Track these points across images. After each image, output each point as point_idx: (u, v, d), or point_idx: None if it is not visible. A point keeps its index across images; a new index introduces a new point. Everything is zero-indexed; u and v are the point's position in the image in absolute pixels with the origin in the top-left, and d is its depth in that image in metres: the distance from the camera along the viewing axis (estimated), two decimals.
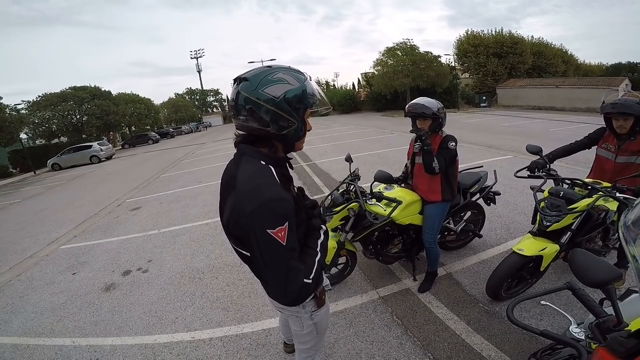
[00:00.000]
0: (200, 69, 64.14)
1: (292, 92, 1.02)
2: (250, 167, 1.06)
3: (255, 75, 1.02)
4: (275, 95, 1.00)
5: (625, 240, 0.86)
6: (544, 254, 2.17)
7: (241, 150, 1.12)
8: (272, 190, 1.01)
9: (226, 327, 2.65)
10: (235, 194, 1.03)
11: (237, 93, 1.03)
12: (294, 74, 1.06)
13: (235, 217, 1.02)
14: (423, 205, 2.64)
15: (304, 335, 1.38)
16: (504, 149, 8.52)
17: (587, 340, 1.02)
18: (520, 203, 4.39)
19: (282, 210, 0.99)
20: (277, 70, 1.04)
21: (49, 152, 23.25)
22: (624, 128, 2.33)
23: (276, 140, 1.10)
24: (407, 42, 29.71)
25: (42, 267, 4.45)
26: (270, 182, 1.03)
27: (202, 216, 5.57)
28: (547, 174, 2.56)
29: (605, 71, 44.01)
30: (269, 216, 0.97)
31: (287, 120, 1.03)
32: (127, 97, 38.46)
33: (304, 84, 1.05)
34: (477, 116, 20.22)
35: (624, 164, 2.40)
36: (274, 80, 1.01)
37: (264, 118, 1.01)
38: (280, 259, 1.00)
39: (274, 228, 0.97)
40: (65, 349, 2.65)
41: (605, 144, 2.52)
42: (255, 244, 1.00)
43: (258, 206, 0.97)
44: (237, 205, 1.01)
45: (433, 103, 2.41)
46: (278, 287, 1.04)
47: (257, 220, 0.97)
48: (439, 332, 2.29)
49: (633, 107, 2.24)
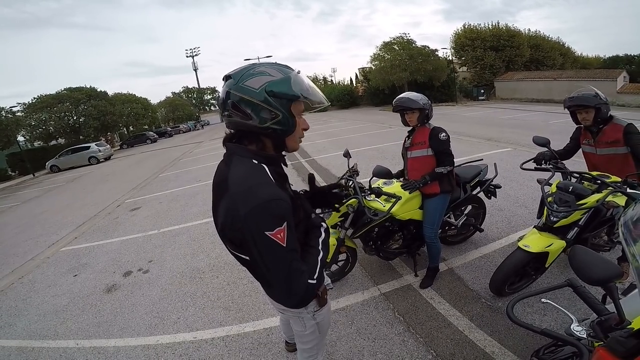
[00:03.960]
0: (197, 67, 63.71)
1: (274, 83, 1.00)
2: (242, 166, 1.02)
3: (238, 72, 1.03)
4: (254, 87, 0.99)
5: (625, 240, 0.85)
6: (550, 250, 2.14)
7: (230, 150, 1.09)
8: (267, 190, 0.97)
9: (228, 326, 2.65)
10: (229, 196, 0.98)
11: (224, 90, 1.03)
12: (278, 67, 1.05)
13: (230, 220, 0.98)
14: (423, 199, 2.64)
15: (306, 335, 1.37)
16: (504, 141, 8.51)
17: (588, 338, 1.01)
18: (521, 196, 4.37)
19: (279, 211, 0.95)
20: (260, 66, 1.04)
21: (47, 154, 23.16)
22: (587, 120, 2.39)
23: (263, 136, 1.07)
24: (404, 36, 29.58)
25: (43, 270, 4.45)
26: (264, 182, 1.00)
27: (202, 215, 5.56)
28: (554, 166, 2.52)
29: (603, 63, 43.75)
30: (266, 218, 0.93)
31: (270, 111, 1.00)
32: (124, 97, 38.32)
33: (288, 76, 1.03)
34: (476, 109, 20.18)
35: (607, 155, 2.43)
36: (255, 74, 1.01)
37: (245, 111, 1.00)
38: (282, 262, 0.96)
39: (272, 230, 0.93)
40: (69, 351, 2.66)
41: (586, 139, 2.56)
42: (253, 248, 0.96)
43: (253, 208, 0.93)
44: (231, 208, 0.96)
45: (418, 96, 2.48)
46: (282, 290, 1.01)
47: (253, 223, 0.93)
48: (442, 328, 2.29)
49: (589, 99, 2.31)
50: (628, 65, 37.84)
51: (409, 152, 2.63)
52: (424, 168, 2.53)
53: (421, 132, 2.53)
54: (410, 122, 2.53)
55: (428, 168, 2.51)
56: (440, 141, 2.45)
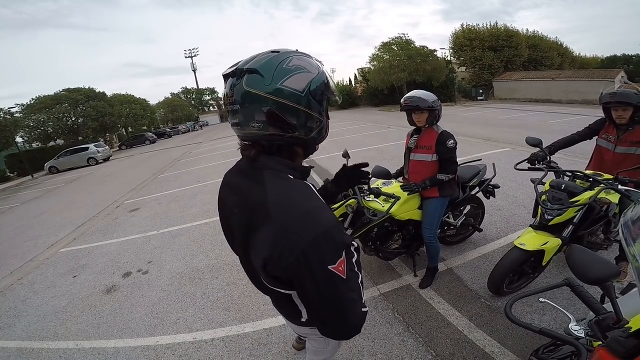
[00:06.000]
0: (196, 68, 63.92)
1: (315, 82, 0.80)
2: (284, 185, 0.82)
3: (264, 65, 0.77)
4: (297, 88, 0.78)
5: (625, 240, 0.85)
6: (546, 249, 2.15)
7: (261, 163, 0.85)
8: (326, 216, 0.79)
9: (227, 327, 2.65)
10: (275, 224, 0.77)
11: (242, 91, 0.77)
12: (307, 59, 0.83)
13: (279, 254, 0.76)
14: (422, 200, 2.64)
15: (327, 351, 1.26)
16: (502, 141, 8.52)
17: (587, 337, 1.01)
18: (520, 196, 4.39)
19: (340, 239, 0.79)
20: (289, 56, 0.81)
21: (45, 155, 23.12)
22: (623, 118, 2.32)
23: (298, 146, 0.88)
24: (403, 36, 29.63)
25: (42, 271, 4.44)
26: (319, 205, 0.81)
27: (201, 216, 5.56)
28: (547, 166, 2.53)
29: (601, 63, 43.95)
30: (330, 249, 0.76)
31: (315, 119, 0.83)
32: (122, 97, 38.22)
33: (322, 71, 0.84)
34: (474, 109, 20.20)
35: (623, 154, 2.40)
36: (292, 69, 0.78)
37: (289, 121, 0.79)
38: (340, 295, 0.80)
39: (334, 263, 0.76)
40: (69, 352, 2.65)
41: (606, 134, 2.51)
42: (310, 283, 0.78)
43: (314, 239, 0.74)
44: (282, 238, 0.76)
45: (429, 96, 2.36)
46: (336, 323, 0.84)
47: (315, 257, 0.75)
48: (441, 328, 2.29)
49: (631, 96, 2.23)
50: (626, 65, 38.04)
51: (413, 153, 2.56)
52: (425, 172, 2.49)
53: (428, 135, 2.44)
54: (418, 122, 2.42)
55: (430, 172, 2.47)
56: (448, 148, 2.37)
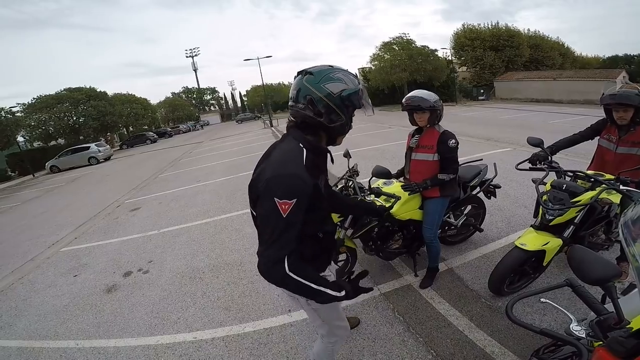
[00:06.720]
0: (196, 67, 64.07)
1: (348, 91, 1.18)
2: (287, 145, 1.21)
3: (319, 71, 1.18)
4: (333, 91, 1.16)
5: (625, 240, 0.85)
6: (546, 249, 2.15)
7: (289, 132, 1.26)
8: (291, 168, 1.12)
9: (228, 326, 2.65)
10: (267, 162, 1.20)
11: (301, 84, 1.17)
12: (351, 78, 1.22)
13: (257, 179, 1.17)
14: (422, 200, 2.63)
15: (310, 315, 1.47)
16: (504, 141, 8.51)
17: (588, 338, 1.01)
18: (521, 196, 4.38)
19: (294, 188, 1.09)
20: (338, 71, 1.21)
21: (46, 155, 23.18)
22: (624, 119, 2.31)
23: (323, 131, 1.24)
24: (403, 36, 29.63)
25: (43, 270, 4.45)
26: (295, 161, 1.15)
27: (202, 215, 5.56)
28: (549, 166, 2.52)
29: (602, 63, 43.92)
30: (280, 187, 1.08)
31: (338, 115, 1.19)
32: (123, 97, 38.39)
33: (358, 88, 1.21)
34: (476, 109, 20.19)
35: (624, 154, 2.39)
36: (335, 79, 1.17)
37: (319, 109, 1.16)
38: (276, 228, 1.08)
39: (280, 199, 1.07)
40: (69, 352, 2.66)
41: (608, 134, 2.50)
42: (261, 207, 1.13)
43: (276, 176, 1.10)
44: (263, 170, 1.16)
45: (431, 95, 2.36)
46: (263, 250, 1.12)
47: (270, 187, 1.09)
48: (442, 328, 2.29)
49: (632, 97, 2.21)
50: (627, 65, 37.99)
51: (414, 153, 2.56)
52: (426, 172, 2.48)
53: (430, 135, 2.44)
54: (420, 122, 2.42)
55: (431, 172, 2.46)
56: (449, 148, 2.36)
